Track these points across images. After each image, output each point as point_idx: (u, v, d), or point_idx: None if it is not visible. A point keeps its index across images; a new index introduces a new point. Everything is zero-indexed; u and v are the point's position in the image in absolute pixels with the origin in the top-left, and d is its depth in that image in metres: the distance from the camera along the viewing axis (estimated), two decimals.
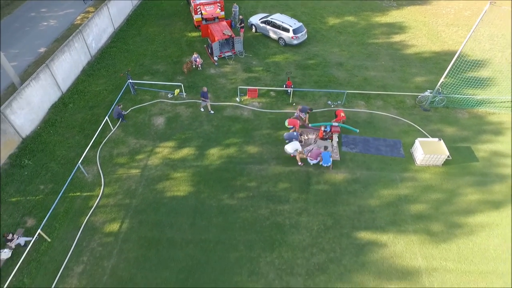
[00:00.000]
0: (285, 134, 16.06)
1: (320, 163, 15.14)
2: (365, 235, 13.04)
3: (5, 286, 11.14)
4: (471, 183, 14.88)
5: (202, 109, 18.27)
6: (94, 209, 13.87)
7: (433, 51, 22.95)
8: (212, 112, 18.12)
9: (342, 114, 16.97)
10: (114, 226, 13.35)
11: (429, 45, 23.60)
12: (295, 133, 15.87)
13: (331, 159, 15.04)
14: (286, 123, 16.73)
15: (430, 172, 15.29)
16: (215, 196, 14.39)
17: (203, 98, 17.64)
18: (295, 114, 16.98)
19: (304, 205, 14.03)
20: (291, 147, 15.15)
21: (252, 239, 12.96)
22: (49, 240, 12.80)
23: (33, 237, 12.48)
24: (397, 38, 24.39)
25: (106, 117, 16.84)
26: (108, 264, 12.26)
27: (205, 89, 17.57)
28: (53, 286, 11.62)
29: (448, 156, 15.56)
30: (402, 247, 12.71)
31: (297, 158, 15.36)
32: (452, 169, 15.41)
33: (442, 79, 17.55)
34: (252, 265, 12.22)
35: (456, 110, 18.40)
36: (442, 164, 15.51)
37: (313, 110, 17.93)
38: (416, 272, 12.04)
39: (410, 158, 15.91)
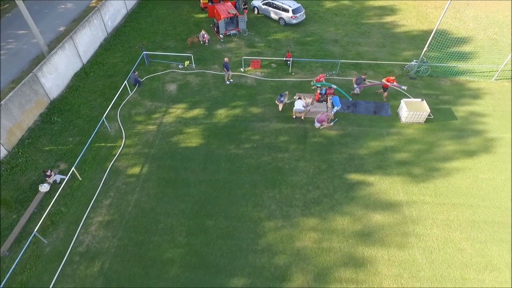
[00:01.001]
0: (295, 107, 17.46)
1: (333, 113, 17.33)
2: (354, 177, 14.85)
3: (46, 212, 12.94)
4: (450, 136, 16.68)
5: (227, 82, 19.91)
6: (117, 156, 15.70)
7: (421, 29, 24.70)
8: (231, 80, 19.85)
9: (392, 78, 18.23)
10: (136, 170, 15.18)
11: (418, 24, 25.37)
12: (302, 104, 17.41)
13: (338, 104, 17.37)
14: (313, 82, 18.79)
15: (414, 128, 17.09)
16: (223, 146, 16.20)
17: (225, 69, 19.25)
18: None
19: (302, 153, 15.84)
20: (300, 104, 16.83)
21: (256, 179, 14.77)
22: (80, 179, 14.63)
23: (67, 176, 14.31)
24: (388, 19, 26.14)
25: (125, 82, 18.69)
26: (132, 198, 14.09)
27: (226, 59, 19.23)
28: (85, 215, 13.46)
29: (429, 115, 17.39)
30: (387, 186, 14.52)
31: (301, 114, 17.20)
32: (433, 126, 17.21)
33: (425, 48, 19.35)
34: (256, 199, 14.04)
35: (439, 79, 20.18)
36: (425, 122, 17.30)
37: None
38: (398, 204, 13.85)
39: (396, 117, 17.70)
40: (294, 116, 17.41)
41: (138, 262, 12.12)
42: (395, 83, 18.00)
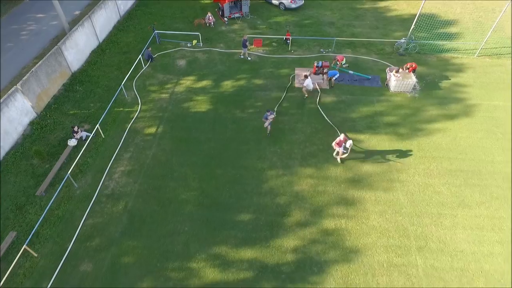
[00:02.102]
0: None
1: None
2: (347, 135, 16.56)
3: (75, 162, 14.64)
4: (433, 103, 18.37)
5: (241, 56, 21.53)
6: (135, 119, 17.40)
7: (412, 13, 26.29)
8: (249, 58, 21.49)
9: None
10: (152, 130, 16.88)
11: (409, 9, 27.03)
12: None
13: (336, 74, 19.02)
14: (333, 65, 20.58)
15: (401, 97, 18.79)
16: (229, 111, 17.90)
17: (245, 45, 20.89)
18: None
19: (300, 117, 17.54)
20: (309, 82, 18.18)
21: (259, 138, 16.47)
22: (103, 136, 16.34)
23: (92, 133, 16.02)
24: (382, 4, 27.79)
25: (140, 56, 20.39)
26: (149, 152, 15.80)
27: (245, 37, 20.88)
28: (109, 165, 15.16)
29: (415, 85, 19.10)
30: (375, 142, 16.22)
31: (303, 91, 18.63)
32: (419, 95, 18.91)
33: (412, 26, 21.05)
34: (260, 153, 15.75)
35: (426, 55, 21.87)
36: (411, 92, 19.01)
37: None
38: (384, 157, 15.55)
39: (386, 89, 19.40)
40: (306, 96, 18.47)
41: (157, 202, 13.84)
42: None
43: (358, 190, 14.19)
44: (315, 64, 19.89)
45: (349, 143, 14.45)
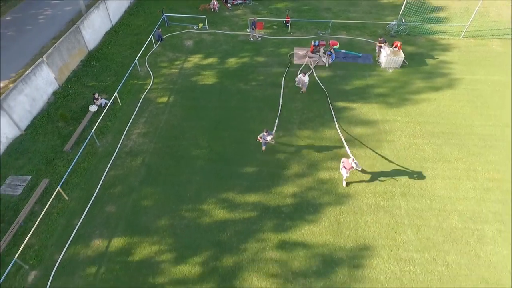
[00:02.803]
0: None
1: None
2: (341, 103, 18.17)
3: (96, 124, 16.25)
4: (421, 77, 20.00)
5: (251, 39, 23.08)
6: (148, 90, 19.02)
7: None
8: (259, 38, 23.09)
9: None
10: (164, 99, 18.51)
11: None
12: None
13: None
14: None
15: (391, 72, 20.43)
16: (234, 84, 19.53)
17: (253, 27, 22.48)
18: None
19: (299, 89, 19.16)
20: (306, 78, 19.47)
21: (261, 106, 18.09)
22: (120, 104, 17.97)
23: (110, 101, 17.64)
24: None
25: (151, 36, 22.03)
26: (162, 118, 17.42)
27: (255, 18, 22.49)
28: (127, 128, 16.77)
29: (404, 61, 20.74)
30: (367, 110, 17.85)
31: (301, 86, 19.89)
32: (407, 70, 20.53)
33: (402, 8, 22.69)
34: (262, 119, 17.36)
35: (416, 37, 23.49)
36: (401, 67, 20.64)
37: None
38: (374, 122, 17.17)
39: (378, 65, 21.02)
40: (302, 91, 18.65)
41: (171, 157, 15.47)
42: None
43: (350, 148, 15.80)
44: (312, 43, 21.49)
45: (355, 163, 13.39)
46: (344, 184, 14.25)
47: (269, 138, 14.63)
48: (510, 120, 17.09)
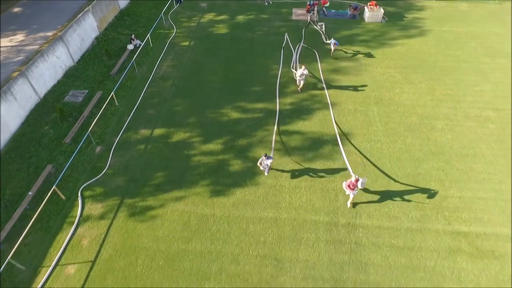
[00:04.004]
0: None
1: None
2: (330, 47, 22.03)
3: (134, 58, 20.09)
4: (397, 29, 23.83)
5: (265, 3, 26.88)
6: (172, 37, 22.86)
7: None
8: (271, 3, 26.90)
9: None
10: (186, 43, 22.37)
11: None
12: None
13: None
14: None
15: (373, 25, 24.26)
16: (242, 33, 23.37)
17: None
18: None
19: (297, 36, 23.01)
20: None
21: (266, 48, 21.89)
22: (151, 45, 21.83)
23: (143, 42, 21.51)
24: None
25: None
26: (185, 55, 21.27)
27: None
28: (158, 61, 20.62)
29: (384, 17, 24.58)
30: (352, 50, 21.70)
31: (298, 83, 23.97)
32: (386, 24, 24.37)
33: None
34: (266, 56, 21.19)
35: (396, 0, 27.36)
36: (381, 21, 24.49)
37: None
38: (357, 58, 20.99)
39: (363, 21, 24.87)
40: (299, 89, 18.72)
41: (194, 81, 19.32)
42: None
43: (336, 75, 19.64)
44: (308, 3, 25.33)
45: (361, 183, 12.54)
46: (348, 205, 13.09)
47: (268, 162, 13.76)
48: (466, 57, 20.94)
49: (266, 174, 14.36)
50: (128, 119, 16.88)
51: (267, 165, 13.92)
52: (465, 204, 13.24)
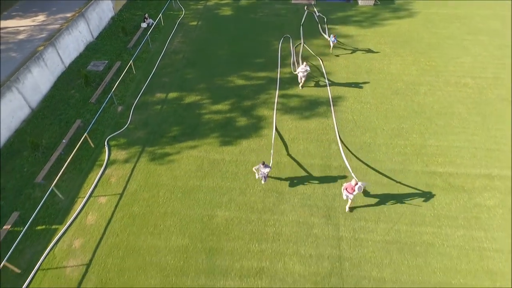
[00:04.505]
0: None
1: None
2: (327, 26, 23.94)
3: (147, 34, 21.98)
4: (388, 11, 25.74)
5: None
6: (181, 18, 24.80)
7: None
8: None
9: None
10: (194, 23, 24.28)
11: None
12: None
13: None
14: None
15: (366, 7, 26.17)
16: (246, 14, 25.29)
17: None
18: None
19: (295, 16, 24.92)
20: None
21: (267, 27, 23.80)
22: (163, 24, 23.75)
23: (155, 21, 23.42)
24: None
25: None
26: (194, 33, 23.17)
27: None
28: (169, 38, 22.53)
29: (376, 1, 26.52)
30: (346, 29, 23.51)
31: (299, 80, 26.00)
32: (378, 6, 26.27)
33: None
34: (267, 34, 23.07)
35: None
36: (374, 4, 26.42)
37: None
38: (351, 36, 22.84)
39: (357, 4, 26.79)
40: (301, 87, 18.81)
41: (203, 55, 21.21)
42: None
43: (332, 50, 21.56)
44: None
45: (358, 187, 11.96)
46: (347, 209, 12.95)
47: (266, 170, 13.09)
48: (450, 35, 22.87)
49: (263, 182, 13.54)
50: (145, 85, 18.80)
51: (265, 173, 13.08)
52: (441, 151, 15.17)
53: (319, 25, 23.84)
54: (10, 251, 11.08)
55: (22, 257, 11.67)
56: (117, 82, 18.15)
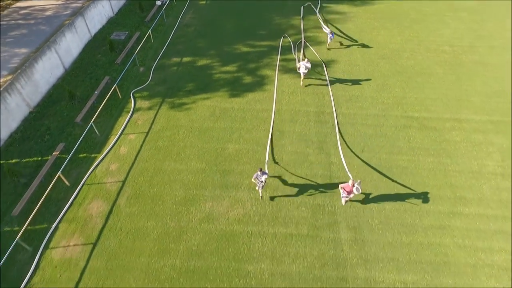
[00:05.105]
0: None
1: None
2: (330, 9, 26.39)
3: (162, 10, 24.42)
4: None
5: None
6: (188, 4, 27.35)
7: None
8: None
9: None
10: (203, 2, 26.72)
11: None
12: None
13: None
14: None
15: None
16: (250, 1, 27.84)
17: None
18: None
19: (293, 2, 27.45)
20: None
21: (270, 10, 26.30)
22: (175, 2, 26.20)
23: (167, 0, 25.89)
24: None
25: None
26: (203, 11, 25.60)
27: None
28: (181, 14, 24.99)
29: None
30: (340, 7, 26.04)
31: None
32: None
33: None
34: (269, 11, 25.59)
35: None
36: None
37: None
38: (344, 12, 25.34)
39: None
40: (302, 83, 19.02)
41: (212, 27, 23.67)
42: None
43: (326, 23, 24.01)
44: None
45: (356, 188, 12.00)
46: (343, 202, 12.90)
47: (263, 178, 12.61)
48: (433, 12, 25.34)
49: (259, 191, 13.09)
50: (162, 51, 21.27)
51: (262, 181, 12.69)
52: (419, 102, 17.64)
53: (319, 16, 26.34)
54: (61, 168, 13.57)
55: (69, 175, 14.14)
56: (138, 49, 20.61)
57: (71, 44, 19.72)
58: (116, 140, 15.67)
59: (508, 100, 17.56)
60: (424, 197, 13.34)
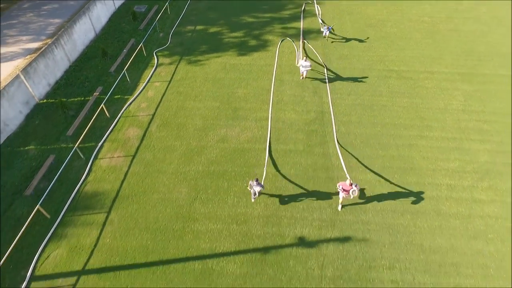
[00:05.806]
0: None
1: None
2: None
3: (167, 3, 27.42)
4: None
5: None
6: None
7: None
8: None
9: None
10: None
11: None
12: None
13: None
14: None
15: None
16: None
17: None
18: None
19: None
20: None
21: (265, 7, 29.36)
22: None
23: None
24: None
25: None
26: (201, 4, 28.72)
27: None
28: (184, 10, 28.00)
29: None
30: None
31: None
32: None
33: None
34: (264, 7, 28.63)
35: None
36: None
37: None
38: (344, 13, 28.42)
39: None
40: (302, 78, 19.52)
41: (219, 10, 26.60)
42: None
43: (322, 0, 26.97)
44: None
45: (353, 190, 11.90)
46: (339, 208, 12.98)
47: (257, 189, 12.39)
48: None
49: (252, 200, 13.17)
50: (178, 21, 24.30)
51: (255, 193, 12.66)
52: (399, 59, 20.64)
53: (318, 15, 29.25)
54: (103, 101, 16.61)
55: (108, 110, 17.13)
56: (157, 19, 23.62)
57: (100, 13, 22.71)
58: (145, 86, 18.68)
59: (476, 58, 20.57)
60: (398, 125, 16.35)
